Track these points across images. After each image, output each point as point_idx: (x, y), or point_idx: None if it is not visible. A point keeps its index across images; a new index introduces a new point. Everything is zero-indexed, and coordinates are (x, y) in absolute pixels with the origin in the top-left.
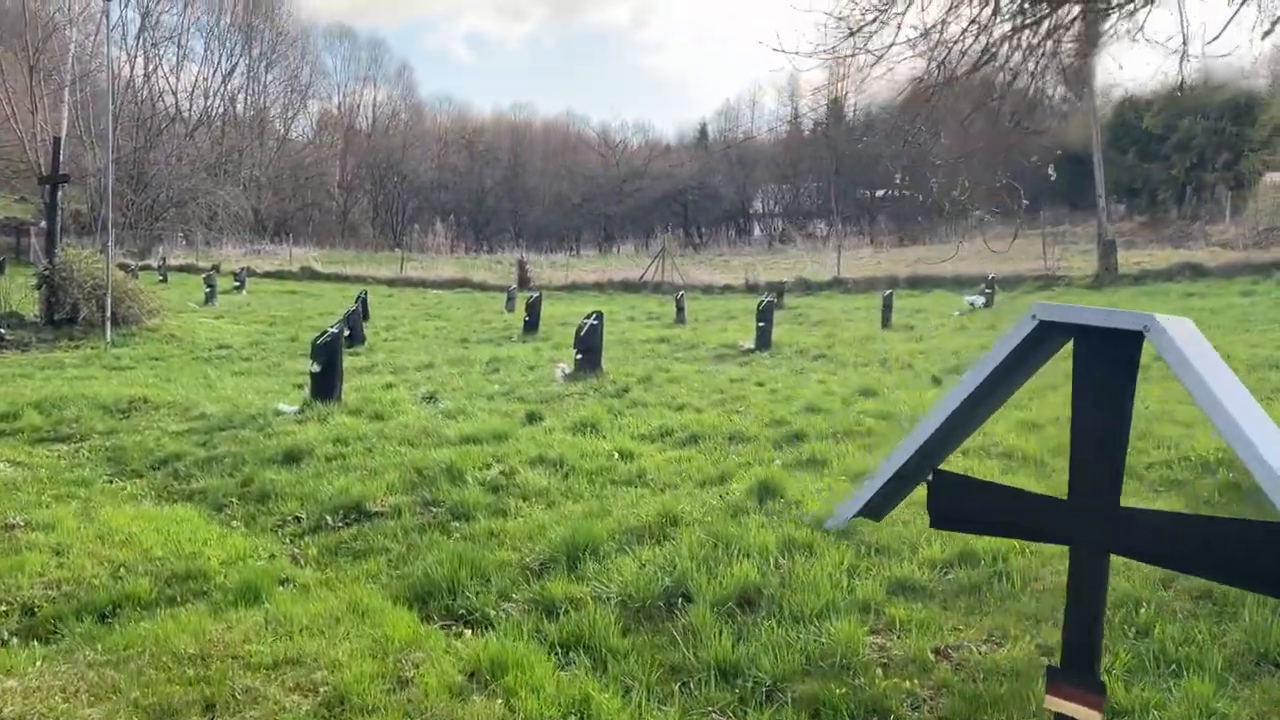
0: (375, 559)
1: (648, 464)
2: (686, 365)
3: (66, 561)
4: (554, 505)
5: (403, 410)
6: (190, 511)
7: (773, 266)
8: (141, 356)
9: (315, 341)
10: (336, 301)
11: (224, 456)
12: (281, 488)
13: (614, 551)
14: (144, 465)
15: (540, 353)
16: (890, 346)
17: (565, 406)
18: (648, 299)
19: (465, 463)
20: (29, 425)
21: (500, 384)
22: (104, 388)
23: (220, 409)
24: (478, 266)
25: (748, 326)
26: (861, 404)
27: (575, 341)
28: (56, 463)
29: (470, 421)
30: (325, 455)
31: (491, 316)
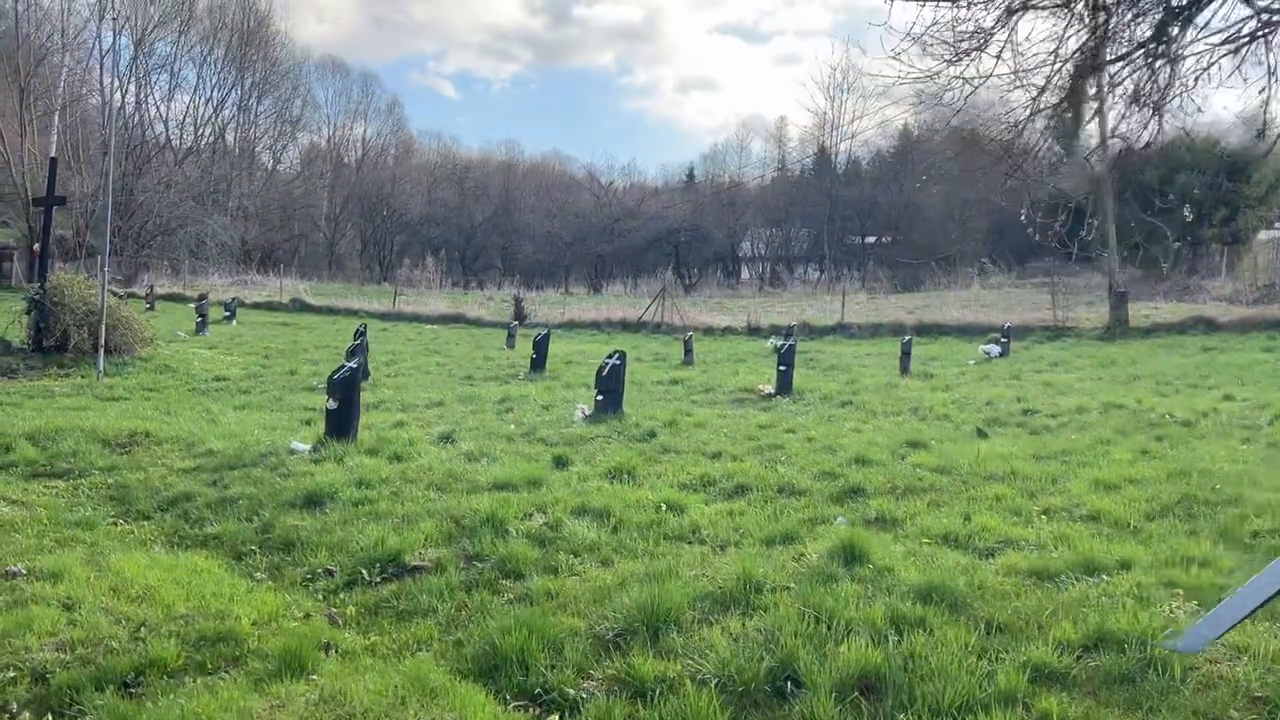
0: (424, 622)
1: (699, 518)
2: (707, 409)
3: (79, 619)
4: (609, 563)
5: (422, 451)
6: (208, 560)
7: (769, 309)
8: (135, 387)
9: (332, 377)
10: (330, 335)
11: (238, 498)
12: (307, 536)
13: (696, 621)
14: (151, 506)
15: (552, 392)
16: (917, 395)
17: (592, 450)
18: (650, 339)
19: (506, 512)
20: (23, 458)
21: (517, 424)
22: (101, 420)
23: (227, 445)
24: (470, 302)
25: (758, 370)
26: (914, 457)
27: (596, 381)
28: (55, 501)
29: (498, 466)
30: (350, 499)
31: (493, 353)
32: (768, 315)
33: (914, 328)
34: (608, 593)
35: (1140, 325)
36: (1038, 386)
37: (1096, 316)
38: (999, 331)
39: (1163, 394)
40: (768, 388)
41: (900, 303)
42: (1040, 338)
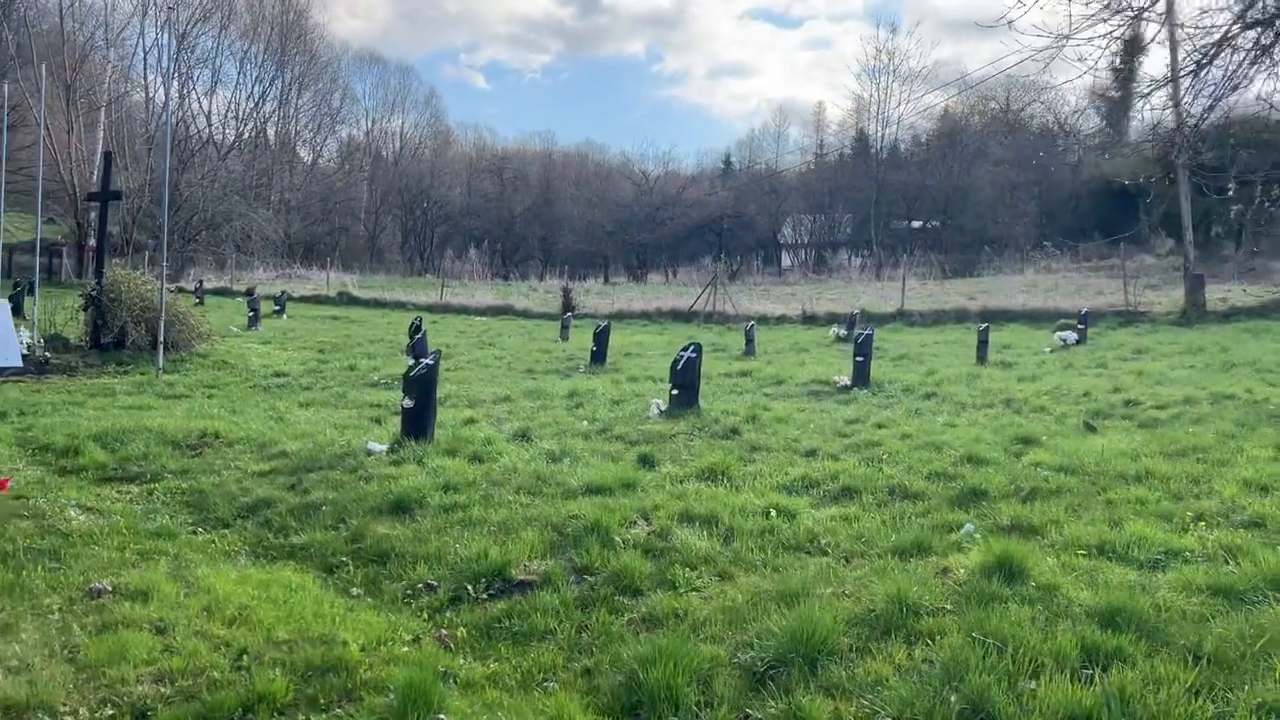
0: (543, 646)
1: (812, 524)
2: (783, 403)
3: (174, 644)
4: (728, 577)
5: (501, 451)
6: (299, 574)
7: (820, 297)
8: (195, 384)
9: (408, 375)
10: (381, 328)
11: (320, 504)
12: (401, 546)
13: (853, 650)
14: (230, 513)
15: (619, 386)
16: (1003, 385)
17: (675, 448)
18: (703, 329)
19: (610, 520)
20: (92, 462)
21: (590, 420)
22: (167, 420)
23: (301, 446)
24: (515, 293)
25: (824, 360)
26: (1030, 455)
27: (671, 375)
28: (130, 508)
29: (584, 467)
30: (440, 506)
31: (549, 346)
32: (820, 303)
33: (978, 314)
34: (739, 614)
35: (1217, 309)
36: (1130, 376)
37: (1169, 300)
38: (1069, 317)
39: (1270, 383)
40: (843, 379)
41: (956, 289)
42: (1112, 323)
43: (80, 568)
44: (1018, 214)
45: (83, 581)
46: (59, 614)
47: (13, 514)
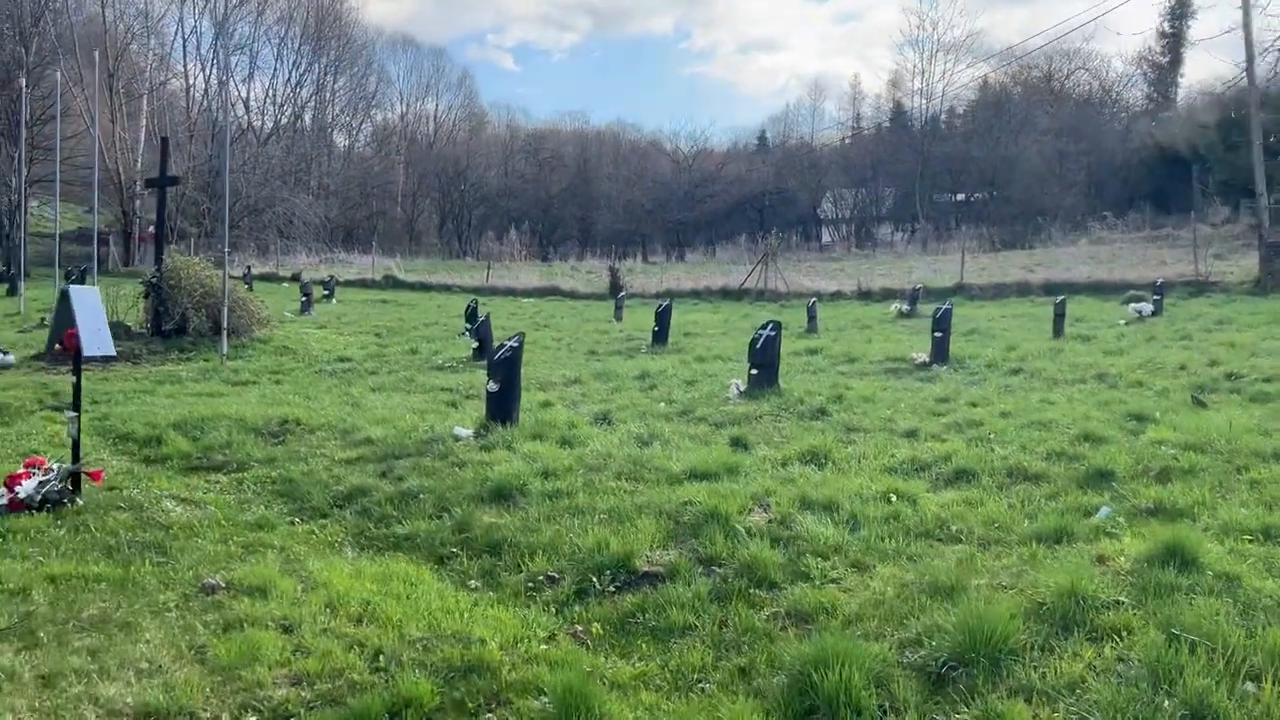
0: (686, 643)
1: (936, 509)
2: (862, 381)
3: (304, 644)
4: (863, 568)
5: (587, 435)
6: (411, 567)
7: (871, 272)
8: (260, 370)
9: (493, 358)
10: (433, 311)
11: (417, 492)
12: (512, 536)
13: (1034, 648)
14: (325, 502)
15: (687, 366)
16: (1091, 360)
17: (766, 430)
18: (757, 307)
19: (728, 507)
20: (176, 451)
21: (667, 402)
22: (244, 407)
23: (385, 432)
24: (559, 274)
25: (891, 336)
26: (1149, 433)
27: (750, 354)
28: (222, 498)
29: (677, 450)
30: (542, 493)
31: (604, 326)
32: (873, 278)
33: (1041, 287)
34: (892, 608)
35: None
36: (1220, 348)
37: (1241, 270)
38: (1137, 289)
39: None
40: (921, 356)
41: (1011, 261)
42: (1182, 294)
43: (187, 562)
44: (1068, 184)
45: (193, 577)
46: (176, 611)
47: (111, 506)
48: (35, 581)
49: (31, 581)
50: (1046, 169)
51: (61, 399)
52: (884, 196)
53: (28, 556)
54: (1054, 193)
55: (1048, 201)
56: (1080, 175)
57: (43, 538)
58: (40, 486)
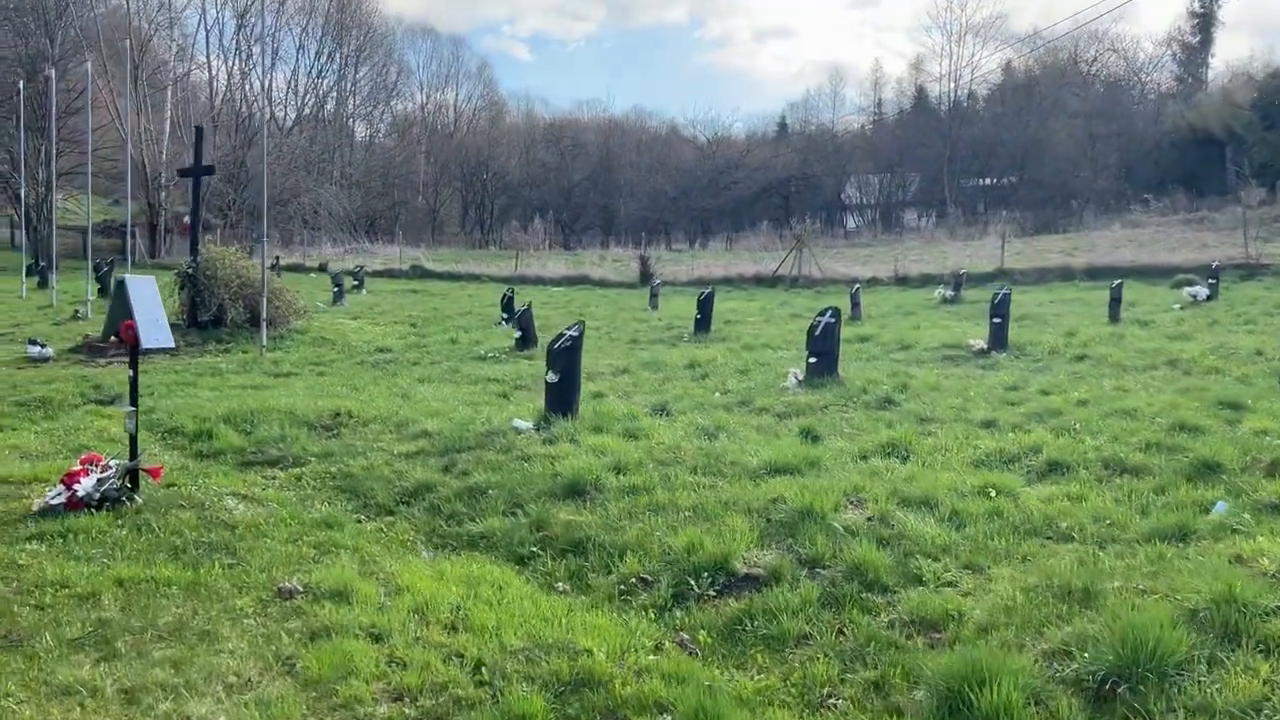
0: (805, 653)
1: (1040, 506)
2: (923, 369)
3: (398, 654)
4: (978, 569)
5: (650, 428)
6: (495, 568)
7: (904, 257)
8: (300, 361)
9: (552, 347)
10: (464, 301)
11: (485, 488)
12: (594, 535)
13: (1198, 660)
14: (390, 499)
15: (736, 355)
16: (1156, 345)
17: (834, 420)
18: (793, 294)
19: (823, 504)
20: (229, 446)
21: (723, 392)
22: (292, 399)
23: (440, 425)
24: (587, 263)
25: (938, 323)
26: (1249, 422)
27: (808, 342)
28: (283, 495)
29: (746, 443)
30: (618, 488)
31: (641, 315)
32: (909, 263)
33: (1084, 271)
34: (1024, 614)
35: None
36: None
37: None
38: (1184, 272)
39: None
40: (978, 342)
41: (1046, 245)
42: (1233, 277)
43: (258, 564)
44: (1100, 167)
45: (266, 580)
46: (254, 618)
47: (171, 504)
48: (104, 585)
49: (100, 585)
50: (1078, 151)
51: (103, 392)
52: (909, 181)
53: (91, 558)
54: (1085, 176)
55: (1078, 185)
56: (1113, 158)
57: (105, 538)
58: (99, 484)
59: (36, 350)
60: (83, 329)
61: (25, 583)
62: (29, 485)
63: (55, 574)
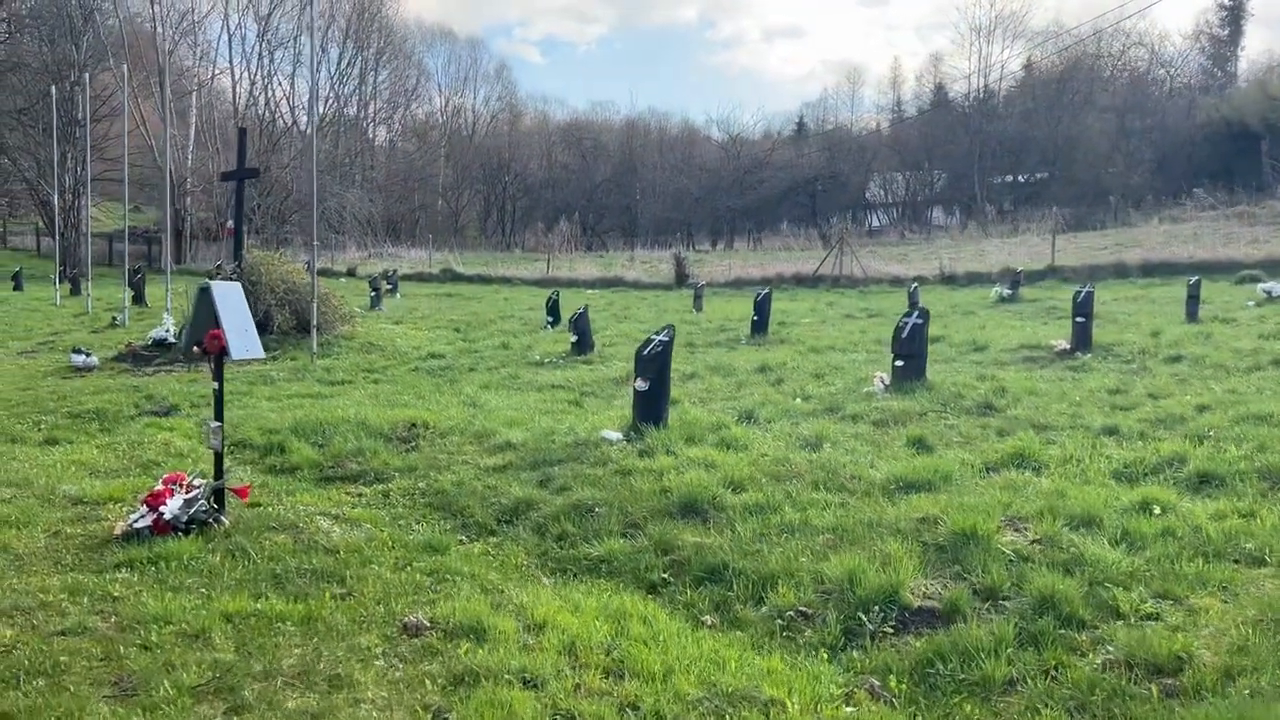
0: (1018, 702)
1: (1210, 524)
2: (1006, 371)
3: (561, 705)
4: (1176, 599)
5: (744, 437)
6: (631, 598)
7: (934, 255)
8: (352, 368)
9: (641, 353)
10: (501, 304)
11: (591, 505)
12: (730, 560)
13: None
14: (489, 517)
15: (805, 358)
16: (1253, 345)
17: (938, 429)
18: (837, 293)
19: (985, 526)
20: (305, 460)
21: (803, 397)
22: (359, 409)
23: (522, 435)
24: (614, 264)
25: (1001, 323)
26: None
27: (895, 345)
28: (374, 514)
29: (854, 455)
30: (741, 507)
31: (686, 316)
32: (949, 262)
33: (1138, 268)
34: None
35: None
36: None
37: None
38: (1246, 268)
39: None
40: (1061, 343)
41: (1087, 242)
42: None
43: (371, 594)
44: (1134, 162)
45: (385, 613)
46: (385, 659)
47: (262, 526)
48: (211, 621)
49: (207, 621)
50: (1110, 147)
51: (157, 403)
52: (936, 179)
53: (190, 589)
54: (1117, 171)
55: (1111, 180)
56: (1148, 153)
57: (199, 565)
58: (187, 506)
59: (81, 359)
60: (122, 336)
61: (124, 618)
62: (105, 506)
63: (156, 608)
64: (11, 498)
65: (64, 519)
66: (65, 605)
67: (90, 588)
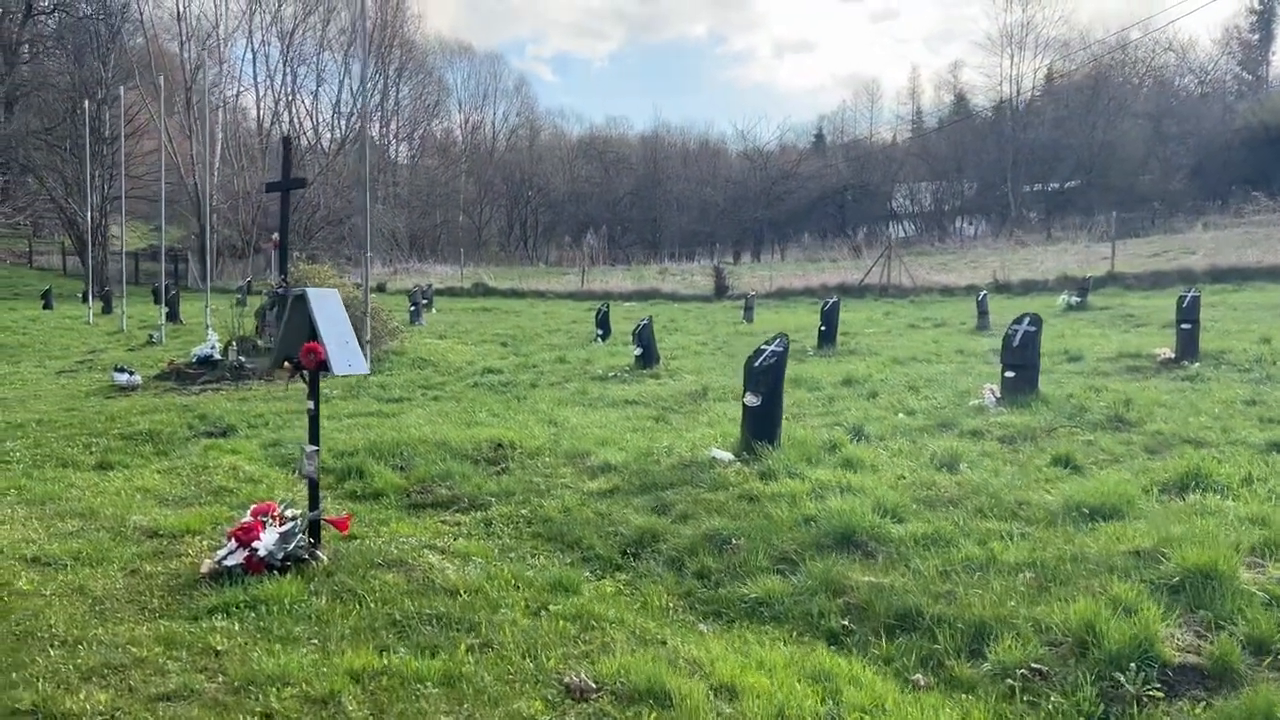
0: None
1: None
2: (1118, 382)
3: None
4: None
5: (865, 456)
6: (821, 653)
7: (978, 264)
8: (408, 384)
9: (753, 365)
10: (539, 318)
11: (725, 536)
12: (922, 603)
13: None
14: (611, 550)
15: (889, 369)
16: None
17: (1076, 446)
18: (889, 303)
19: (1227, 564)
20: (388, 485)
21: (905, 412)
22: (434, 428)
23: (621, 456)
24: (647, 277)
25: (1081, 330)
26: None
27: (1004, 354)
28: (480, 546)
29: (996, 476)
30: (907, 539)
31: (739, 328)
32: (981, 269)
33: (1205, 274)
34: None
35: None
36: None
37: None
38: None
39: None
40: (1164, 351)
41: (1136, 249)
42: None
43: (514, 645)
44: (1172, 168)
45: (536, 670)
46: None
47: (367, 563)
48: (338, 683)
49: (333, 683)
50: (1146, 153)
51: (211, 423)
52: (966, 188)
53: (301, 640)
54: (1155, 178)
55: (1148, 187)
56: (1186, 159)
57: (305, 611)
58: (284, 541)
59: (125, 378)
60: (161, 354)
61: (234, 678)
62: (183, 539)
63: (270, 665)
64: (79, 530)
65: (140, 554)
66: (163, 662)
67: (186, 639)
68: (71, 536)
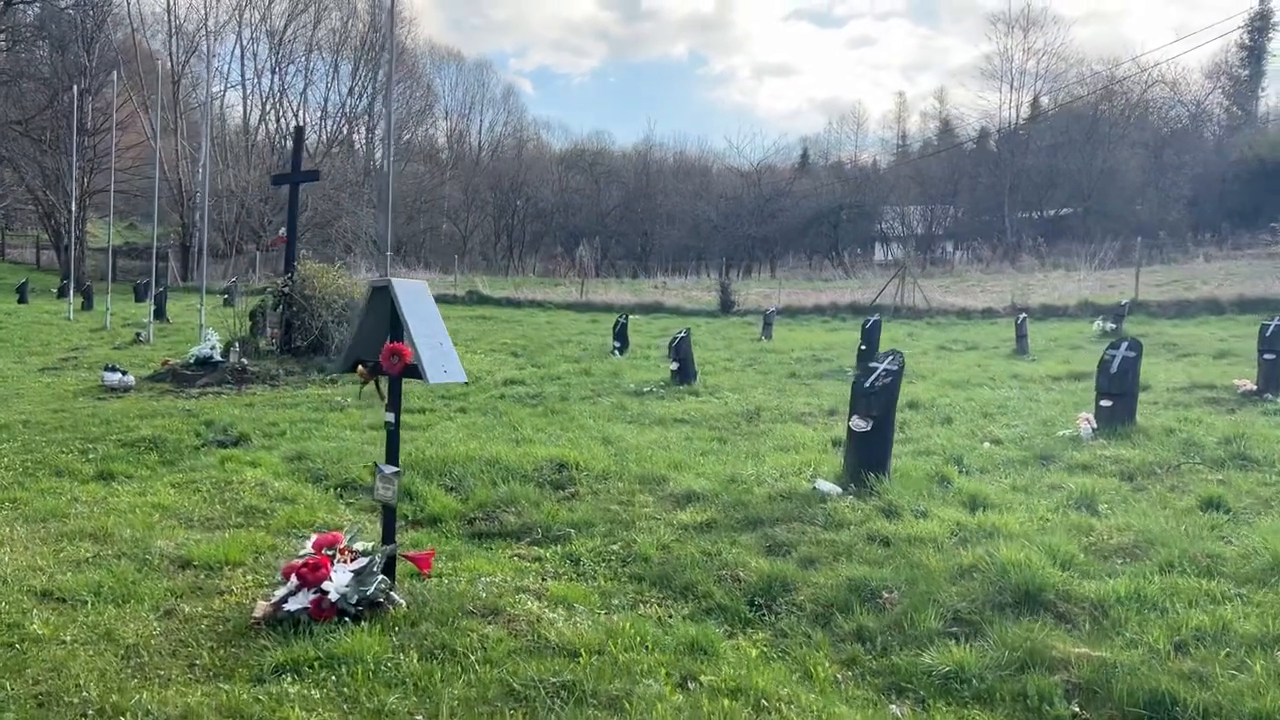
0: None
1: None
2: (1202, 413)
3: None
4: None
5: (988, 494)
6: None
7: (992, 288)
8: (427, 394)
9: (861, 385)
10: (543, 328)
11: (874, 588)
12: (1174, 688)
13: None
14: (734, 599)
15: (949, 393)
16: None
17: (1213, 487)
18: (909, 325)
19: None
20: (445, 510)
21: (992, 441)
22: (487, 445)
23: (701, 483)
24: (644, 290)
25: None
26: None
27: (1099, 380)
28: (579, 590)
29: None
30: (1106, 599)
31: (761, 345)
32: (997, 293)
33: (1233, 304)
34: None
35: None
36: None
37: None
38: None
39: None
40: (1245, 383)
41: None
42: None
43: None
44: (1170, 199)
45: None
46: None
47: (457, 610)
48: None
49: None
50: (1144, 183)
51: (218, 430)
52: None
53: (400, 715)
54: (1148, 207)
55: (1143, 216)
56: (1185, 189)
57: (396, 674)
58: (359, 583)
59: (116, 378)
60: (150, 353)
61: None
62: (221, 572)
63: None
64: (94, 556)
65: (173, 590)
66: None
67: (254, 710)
68: (87, 564)
